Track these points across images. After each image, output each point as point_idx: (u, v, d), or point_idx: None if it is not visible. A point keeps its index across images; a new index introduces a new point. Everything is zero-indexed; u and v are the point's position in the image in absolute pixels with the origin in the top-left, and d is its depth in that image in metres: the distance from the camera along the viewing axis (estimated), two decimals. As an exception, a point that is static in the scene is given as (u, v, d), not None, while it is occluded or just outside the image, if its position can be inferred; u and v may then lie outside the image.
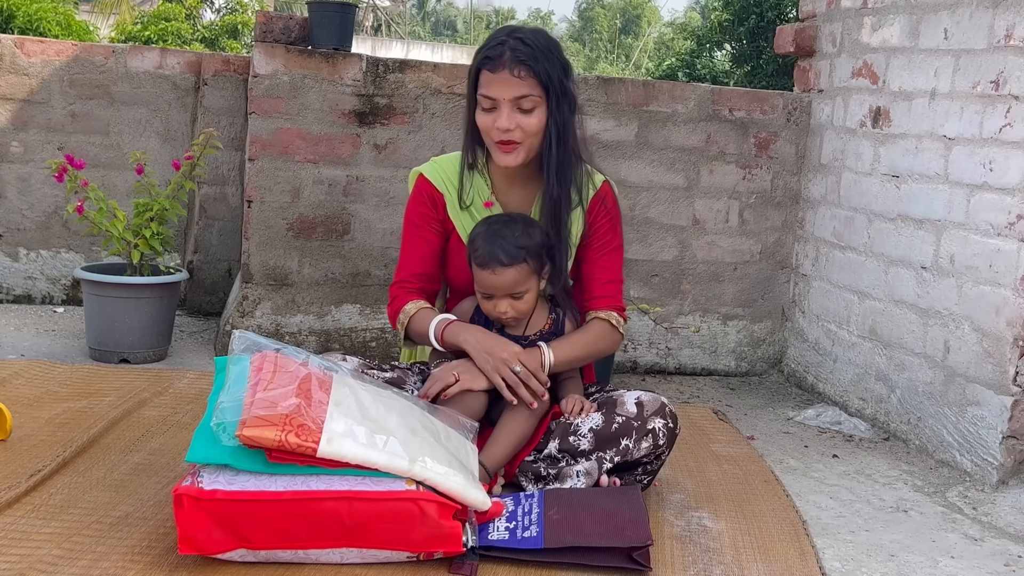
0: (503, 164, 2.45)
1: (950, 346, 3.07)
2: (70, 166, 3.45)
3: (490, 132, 2.42)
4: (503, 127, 2.38)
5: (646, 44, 33.04)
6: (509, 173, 2.53)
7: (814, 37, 3.98)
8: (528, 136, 2.41)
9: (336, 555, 1.96)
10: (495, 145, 2.43)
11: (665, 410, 2.39)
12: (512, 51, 2.38)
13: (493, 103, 2.39)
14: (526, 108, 2.39)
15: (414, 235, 2.57)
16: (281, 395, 1.97)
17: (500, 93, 2.37)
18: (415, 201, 2.58)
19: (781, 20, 10.38)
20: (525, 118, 2.39)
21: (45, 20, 10.05)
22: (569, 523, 2.13)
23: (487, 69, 2.39)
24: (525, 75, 2.37)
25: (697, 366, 4.01)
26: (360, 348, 3.71)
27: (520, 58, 2.37)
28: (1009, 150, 2.89)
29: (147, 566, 1.93)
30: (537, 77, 2.38)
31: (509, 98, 2.37)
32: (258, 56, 3.53)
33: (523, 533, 2.10)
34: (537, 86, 2.38)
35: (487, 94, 2.39)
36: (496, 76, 2.37)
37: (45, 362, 3.28)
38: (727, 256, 3.98)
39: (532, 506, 2.20)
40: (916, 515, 2.65)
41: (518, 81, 2.37)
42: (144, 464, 2.47)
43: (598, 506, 2.20)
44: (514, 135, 2.39)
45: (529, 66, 2.37)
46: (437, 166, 2.59)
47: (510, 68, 2.37)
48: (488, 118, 2.41)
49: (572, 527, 2.11)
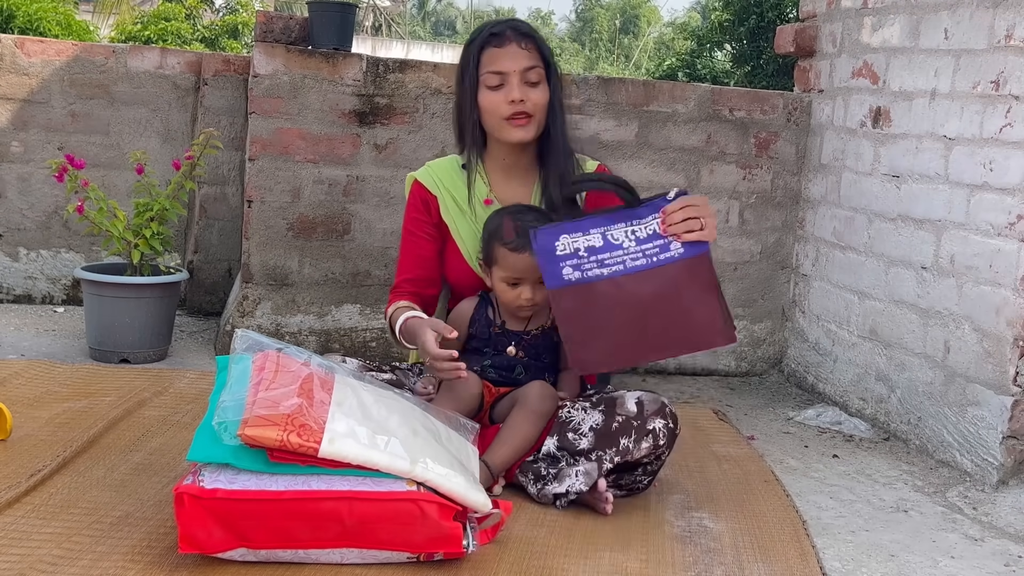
0: (515, 139, 2.48)
1: (950, 346, 3.07)
2: (70, 166, 3.45)
3: (500, 108, 2.45)
4: (516, 98, 2.43)
5: (646, 44, 33.05)
6: (507, 167, 2.56)
7: (814, 37, 3.98)
8: (538, 110, 2.47)
9: (336, 555, 1.96)
10: (505, 122, 2.46)
11: (665, 410, 2.39)
12: (514, 28, 2.48)
13: (502, 78, 2.44)
14: (533, 81, 2.45)
15: (409, 241, 2.61)
16: (283, 395, 1.97)
17: (509, 65, 2.43)
18: (410, 206, 2.62)
19: (781, 20, 10.38)
20: (533, 91, 2.45)
21: (45, 20, 10.04)
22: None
23: (493, 46, 2.45)
24: (531, 47, 2.46)
25: (697, 366, 4.01)
26: (360, 348, 3.71)
27: (524, 31, 2.48)
28: (1009, 150, 2.89)
29: (147, 566, 1.93)
30: (540, 51, 2.48)
31: (519, 69, 2.43)
32: (258, 56, 3.53)
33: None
34: (540, 60, 2.47)
35: (496, 69, 2.44)
36: (504, 50, 2.44)
37: (45, 362, 3.28)
38: (727, 256, 3.98)
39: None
40: (916, 515, 2.65)
41: (526, 53, 2.45)
42: (144, 464, 2.47)
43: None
44: (526, 107, 2.44)
45: (533, 39, 2.48)
46: (431, 169, 2.62)
47: (517, 41, 2.45)
48: (497, 95, 2.45)
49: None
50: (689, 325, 2.20)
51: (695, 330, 2.20)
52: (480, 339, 2.53)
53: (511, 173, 2.57)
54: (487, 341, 2.52)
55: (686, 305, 2.20)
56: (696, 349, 2.25)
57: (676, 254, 2.23)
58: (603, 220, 2.31)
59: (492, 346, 2.52)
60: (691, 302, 2.20)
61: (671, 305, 2.21)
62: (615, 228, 2.29)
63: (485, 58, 2.45)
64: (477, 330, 2.53)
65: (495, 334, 2.52)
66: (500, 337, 2.52)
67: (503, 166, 2.57)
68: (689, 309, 2.20)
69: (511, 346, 2.51)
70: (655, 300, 2.21)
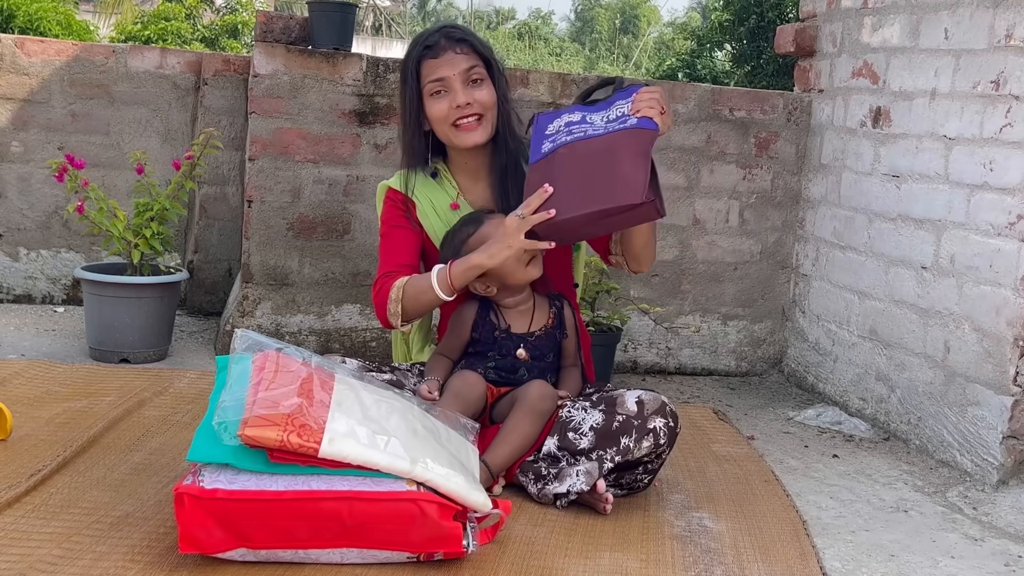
0: (470, 143, 2.49)
1: (950, 346, 3.07)
2: (70, 166, 3.45)
3: (448, 116, 2.46)
4: (461, 102, 2.44)
5: (646, 44, 33.04)
6: (471, 170, 2.58)
7: (814, 37, 3.98)
8: (486, 108, 2.48)
9: (336, 555, 1.96)
10: (455, 129, 2.48)
11: (666, 409, 2.39)
12: (446, 36, 2.48)
13: (443, 84, 2.45)
14: (476, 79, 2.47)
15: (393, 234, 2.57)
16: (283, 394, 1.97)
17: (448, 71, 2.44)
18: (387, 208, 2.59)
19: (781, 20, 10.37)
20: (478, 91, 2.47)
21: (45, 20, 10.04)
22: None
23: (429, 58, 2.46)
24: (466, 50, 2.47)
25: (697, 366, 4.01)
26: (360, 348, 3.71)
27: (457, 36, 2.48)
28: (1009, 150, 2.89)
29: (147, 566, 1.93)
30: (476, 51, 2.48)
31: (458, 72, 2.45)
32: (258, 56, 3.53)
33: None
34: (478, 59, 2.48)
35: (435, 77, 2.45)
36: (441, 59, 2.45)
37: (45, 362, 3.28)
38: (727, 256, 3.98)
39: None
40: (916, 515, 2.65)
41: (462, 56, 2.46)
42: (144, 464, 2.47)
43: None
44: (473, 108, 2.45)
45: (468, 41, 2.49)
46: (402, 178, 2.61)
47: (451, 47, 2.46)
48: (442, 103, 2.46)
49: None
50: (615, 178, 2.25)
51: (619, 184, 2.24)
52: (484, 343, 2.52)
53: (477, 175, 2.59)
54: (492, 345, 2.51)
55: (617, 160, 2.26)
56: (614, 204, 2.25)
57: (628, 124, 2.31)
58: (594, 107, 2.43)
59: (497, 350, 2.51)
60: (622, 160, 2.26)
61: (604, 159, 2.28)
62: (596, 113, 2.40)
63: (424, 69, 2.46)
64: (481, 334, 2.52)
65: (500, 338, 2.51)
66: (505, 341, 2.51)
67: (467, 170, 2.59)
68: (618, 164, 2.26)
69: (520, 349, 2.51)
70: (593, 155, 2.30)
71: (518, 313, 2.53)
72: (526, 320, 2.52)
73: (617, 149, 2.27)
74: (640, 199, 2.21)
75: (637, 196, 2.21)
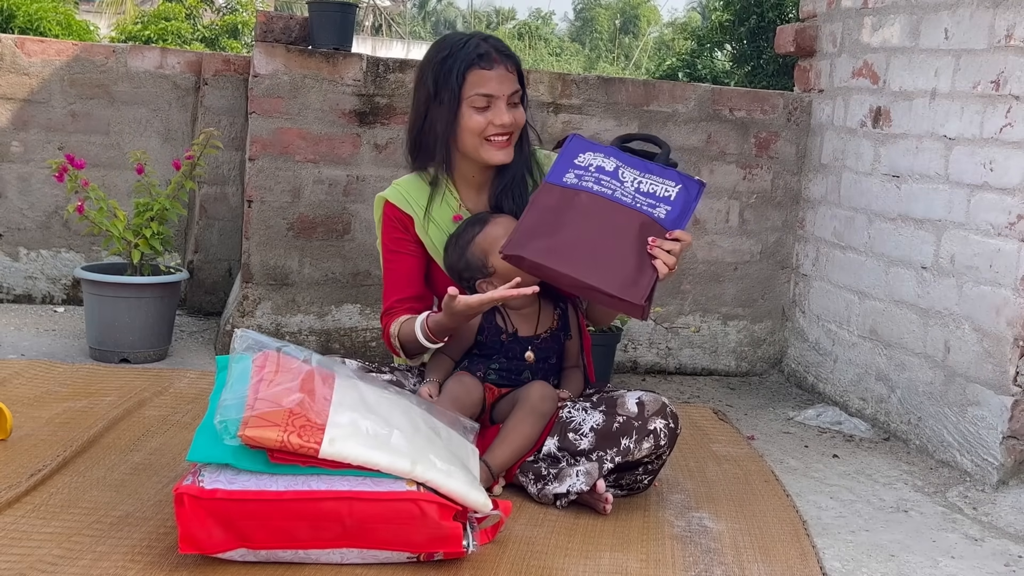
0: (497, 160, 2.46)
1: (950, 346, 3.07)
2: (70, 166, 3.45)
3: (485, 131, 2.42)
4: (506, 123, 2.42)
5: (646, 44, 33.04)
6: (478, 183, 2.55)
7: (814, 37, 3.98)
8: (518, 129, 2.47)
9: (336, 555, 1.96)
10: (487, 143, 2.44)
11: (666, 410, 2.39)
12: (497, 49, 2.43)
13: (489, 100, 2.41)
14: (515, 102, 2.44)
15: (393, 261, 2.55)
16: (284, 392, 1.98)
17: (499, 89, 2.41)
18: (387, 228, 2.56)
19: (782, 20, 10.37)
20: (517, 112, 2.45)
21: (45, 20, 10.04)
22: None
23: (481, 67, 2.39)
24: (513, 68, 2.45)
25: (697, 366, 4.01)
26: (360, 348, 3.71)
27: (507, 53, 2.45)
28: (1009, 150, 2.89)
29: (147, 566, 1.93)
30: (518, 72, 2.47)
31: (507, 93, 2.42)
32: (258, 56, 3.53)
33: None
34: (518, 81, 2.46)
35: (485, 92, 2.40)
36: (493, 72, 2.40)
37: (45, 362, 3.28)
38: (727, 256, 3.98)
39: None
40: (916, 515, 2.65)
41: (512, 77, 2.44)
42: (144, 464, 2.47)
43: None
44: (508, 128, 2.44)
45: (515, 60, 2.46)
46: (400, 189, 2.57)
47: (504, 63, 2.42)
48: (482, 116, 2.41)
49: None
50: (623, 270, 2.24)
51: (624, 277, 2.24)
52: (489, 346, 2.51)
53: (481, 188, 2.56)
54: (498, 348, 2.51)
55: (634, 253, 2.25)
56: (613, 292, 2.24)
57: (656, 214, 2.29)
58: (629, 159, 2.39)
59: (504, 353, 2.50)
60: (638, 255, 2.25)
61: (622, 244, 2.26)
62: (631, 169, 2.36)
63: (472, 78, 2.39)
64: (487, 337, 2.51)
65: (506, 342, 2.51)
66: (512, 344, 2.51)
67: (472, 182, 2.55)
68: (632, 258, 2.25)
69: (529, 351, 2.51)
70: (615, 231, 2.27)
71: (524, 316, 2.52)
72: (532, 323, 2.52)
73: (635, 239, 2.25)
74: (639, 302, 2.23)
75: (638, 298, 2.22)
